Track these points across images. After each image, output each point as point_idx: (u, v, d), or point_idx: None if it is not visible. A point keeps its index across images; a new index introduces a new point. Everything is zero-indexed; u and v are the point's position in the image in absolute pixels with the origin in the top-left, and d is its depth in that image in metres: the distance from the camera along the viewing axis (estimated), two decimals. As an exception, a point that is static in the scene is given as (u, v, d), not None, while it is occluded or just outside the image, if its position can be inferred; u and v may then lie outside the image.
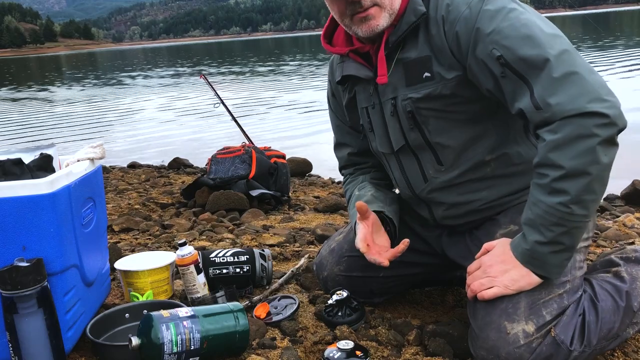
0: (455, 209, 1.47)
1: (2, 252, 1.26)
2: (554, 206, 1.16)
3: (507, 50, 1.20)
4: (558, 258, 1.21)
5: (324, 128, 7.18)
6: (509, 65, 1.20)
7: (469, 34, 1.25)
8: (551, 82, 1.15)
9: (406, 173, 1.49)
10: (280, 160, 3.41)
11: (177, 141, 7.13)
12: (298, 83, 14.04)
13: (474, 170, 1.41)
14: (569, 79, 1.14)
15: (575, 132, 1.12)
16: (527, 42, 1.18)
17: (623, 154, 1.25)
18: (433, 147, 1.41)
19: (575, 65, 1.15)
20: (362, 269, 1.63)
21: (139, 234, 2.67)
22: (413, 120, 1.39)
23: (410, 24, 1.33)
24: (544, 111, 1.15)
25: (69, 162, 1.52)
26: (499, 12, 1.23)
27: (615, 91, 1.17)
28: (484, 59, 1.23)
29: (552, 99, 1.14)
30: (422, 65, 1.34)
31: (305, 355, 1.40)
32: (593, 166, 1.12)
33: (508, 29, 1.21)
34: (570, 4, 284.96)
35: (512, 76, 1.20)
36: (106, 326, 1.51)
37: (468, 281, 1.31)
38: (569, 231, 1.17)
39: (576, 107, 1.12)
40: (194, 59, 38.72)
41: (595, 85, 1.14)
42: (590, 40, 21.36)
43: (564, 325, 1.23)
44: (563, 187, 1.14)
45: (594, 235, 2.33)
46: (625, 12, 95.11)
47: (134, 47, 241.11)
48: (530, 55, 1.17)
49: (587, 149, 1.11)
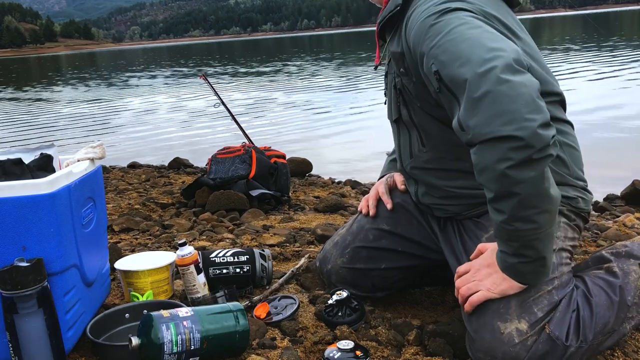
0: (432, 190, 1.52)
1: (2, 252, 1.26)
2: (499, 224, 1.16)
3: (442, 66, 1.17)
4: (529, 267, 1.20)
5: (324, 128, 7.19)
6: (443, 81, 1.18)
7: (417, 46, 1.26)
8: (471, 103, 1.10)
9: (400, 144, 1.56)
10: (280, 160, 3.41)
11: (177, 141, 7.13)
12: (298, 83, 14.04)
13: (453, 161, 1.43)
14: (488, 99, 1.08)
15: (490, 158, 1.09)
16: (458, 59, 1.14)
17: (623, 154, 1.25)
18: (418, 128, 1.46)
19: (500, 82, 1.07)
20: (365, 261, 1.66)
21: (139, 234, 2.67)
22: (402, 97, 1.45)
23: (389, 11, 1.40)
24: (466, 132, 1.13)
25: (69, 162, 1.52)
26: (445, 27, 1.20)
27: (618, 93, 1.12)
28: (426, 72, 1.24)
29: (471, 121, 1.10)
30: (399, 60, 1.40)
31: (305, 355, 1.40)
32: (517, 186, 1.08)
33: (448, 44, 1.17)
34: (570, 4, 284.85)
35: (446, 92, 1.18)
36: (106, 326, 1.51)
37: (457, 284, 1.32)
38: (526, 244, 1.16)
39: (489, 131, 1.07)
40: (194, 59, 38.74)
41: (519, 102, 1.06)
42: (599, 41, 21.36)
43: (558, 321, 1.23)
44: (498, 207, 1.14)
45: (594, 235, 2.32)
46: (625, 12, 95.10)
47: (134, 47, 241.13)
48: (458, 74, 1.13)
49: (505, 173, 1.08)
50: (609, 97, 7.45)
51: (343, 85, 12.41)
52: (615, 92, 8.02)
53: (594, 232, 2.37)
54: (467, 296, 1.28)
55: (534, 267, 1.20)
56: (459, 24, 1.20)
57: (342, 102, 9.47)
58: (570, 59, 14.26)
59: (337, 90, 11.68)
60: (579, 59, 14.46)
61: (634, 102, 7.10)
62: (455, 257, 1.48)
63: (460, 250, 1.48)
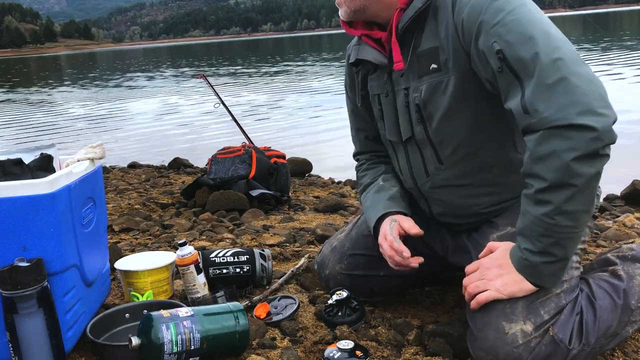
0: (452, 210, 1.48)
1: (2, 252, 1.26)
2: (539, 217, 1.15)
3: (508, 46, 1.16)
4: (551, 268, 1.20)
5: (324, 128, 7.19)
6: (507, 61, 1.16)
7: (474, 23, 1.22)
8: (543, 88, 1.10)
9: (411, 164, 1.49)
10: (280, 160, 3.41)
11: (177, 141, 7.13)
12: (298, 83, 14.03)
13: (475, 174, 1.40)
14: (562, 87, 1.09)
15: (558, 145, 1.08)
16: (528, 41, 1.14)
17: (623, 154, 1.25)
18: (434, 145, 1.40)
19: (573, 74, 1.10)
20: (364, 268, 1.64)
21: (139, 234, 2.67)
22: (419, 114, 1.38)
23: (416, 9, 1.31)
24: (531, 116, 1.12)
25: (69, 162, 1.52)
26: (507, 5, 1.19)
27: (618, 93, 1.15)
28: (485, 50, 1.20)
29: (541, 105, 1.10)
30: (430, 56, 1.33)
31: (305, 355, 1.40)
32: (577, 178, 1.09)
33: (512, 24, 1.17)
34: (570, 4, 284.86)
35: (508, 73, 1.17)
36: (106, 326, 1.51)
37: (465, 282, 1.31)
38: (558, 242, 1.16)
39: (563, 118, 1.07)
40: (195, 59, 38.73)
41: (591, 96, 1.08)
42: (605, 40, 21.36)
43: (562, 324, 1.23)
44: (546, 198, 1.13)
45: (594, 235, 2.33)
46: (625, 12, 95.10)
47: (134, 47, 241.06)
48: (528, 56, 1.13)
49: (570, 163, 1.08)
50: (609, 97, 7.45)
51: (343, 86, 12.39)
52: (615, 92, 8.04)
53: (594, 232, 2.37)
54: (474, 294, 1.27)
55: (556, 268, 1.20)
56: (520, 3, 1.19)
57: (343, 103, 9.45)
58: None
59: (338, 90, 11.67)
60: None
61: (634, 101, 7.10)
62: (464, 255, 1.48)
63: (470, 248, 1.47)
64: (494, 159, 1.38)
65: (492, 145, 1.37)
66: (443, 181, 1.44)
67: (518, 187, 1.39)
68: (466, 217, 1.48)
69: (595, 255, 1.94)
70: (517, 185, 1.39)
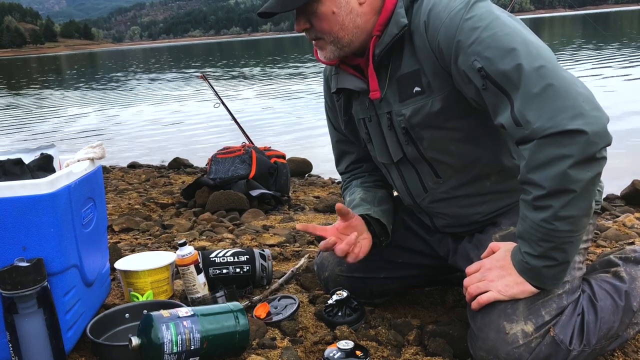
0: (455, 220, 1.48)
1: (2, 252, 1.26)
2: (537, 222, 1.14)
3: (488, 62, 1.14)
4: (552, 271, 1.20)
5: (324, 129, 7.18)
6: (490, 77, 1.15)
7: (450, 45, 1.21)
8: (531, 97, 1.09)
9: (407, 183, 1.49)
10: (280, 160, 3.41)
11: (177, 141, 7.13)
12: (298, 83, 14.03)
13: (472, 183, 1.40)
14: (550, 93, 1.08)
15: (553, 153, 1.08)
16: (509, 54, 1.12)
17: (623, 155, 1.25)
18: (429, 162, 1.40)
19: (557, 78, 1.09)
20: (363, 270, 1.63)
21: (139, 234, 2.68)
22: (408, 135, 1.37)
23: (393, 36, 1.30)
24: (523, 128, 1.11)
25: (69, 162, 1.52)
26: (480, 21, 1.18)
27: (618, 93, 1.14)
28: (465, 69, 1.19)
29: (532, 115, 1.09)
30: (412, 80, 1.32)
31: (305, 355, 1.40)
32: (575, 184, 1.08)
33: (489, 40, 1.15)
34: (570, 4, 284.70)
35: (493, 89, 1.15)
36: (106, 326, 1.51)
37: (465, 283, 1.31)
38: (558, 246, 1.16)
39: (556, 125, 1.07)
40: (195, 59, 38.71)
41: (579, 100, 1.08)
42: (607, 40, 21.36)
43: (563, 325, 1.23)
44: (545, 204, 1.12)
45: (594, 235, 2.33)
46: (625, 12, 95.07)
47: (134, 47, 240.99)
48: (511, 68, 1.12)
49: (568, 170, 1.07)
50: (608, 97, 7.47)
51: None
52: (615, 92, 8.05)
53: (594, 232, 2.37)
54: (475, 295, 1.27)
55: (557, 271, 1.20)
56: (493, 18, 1.18)
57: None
58: (569, 59, 14.25)
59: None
60: (579, 59, 14.45)
61: (634, 101, 7.10)
62: (466, 255, 1.48)
63: (471, 248, 1.47)
64: (490, 168, 1.38)
65: (487, 154, 1.36)
66: (443, 194, 1.44)
67: (517, 192, 1.39)
68: (468, 225, 1.48)
69: (596, 256, 1.95)
70: (516, 192, 1.39)
